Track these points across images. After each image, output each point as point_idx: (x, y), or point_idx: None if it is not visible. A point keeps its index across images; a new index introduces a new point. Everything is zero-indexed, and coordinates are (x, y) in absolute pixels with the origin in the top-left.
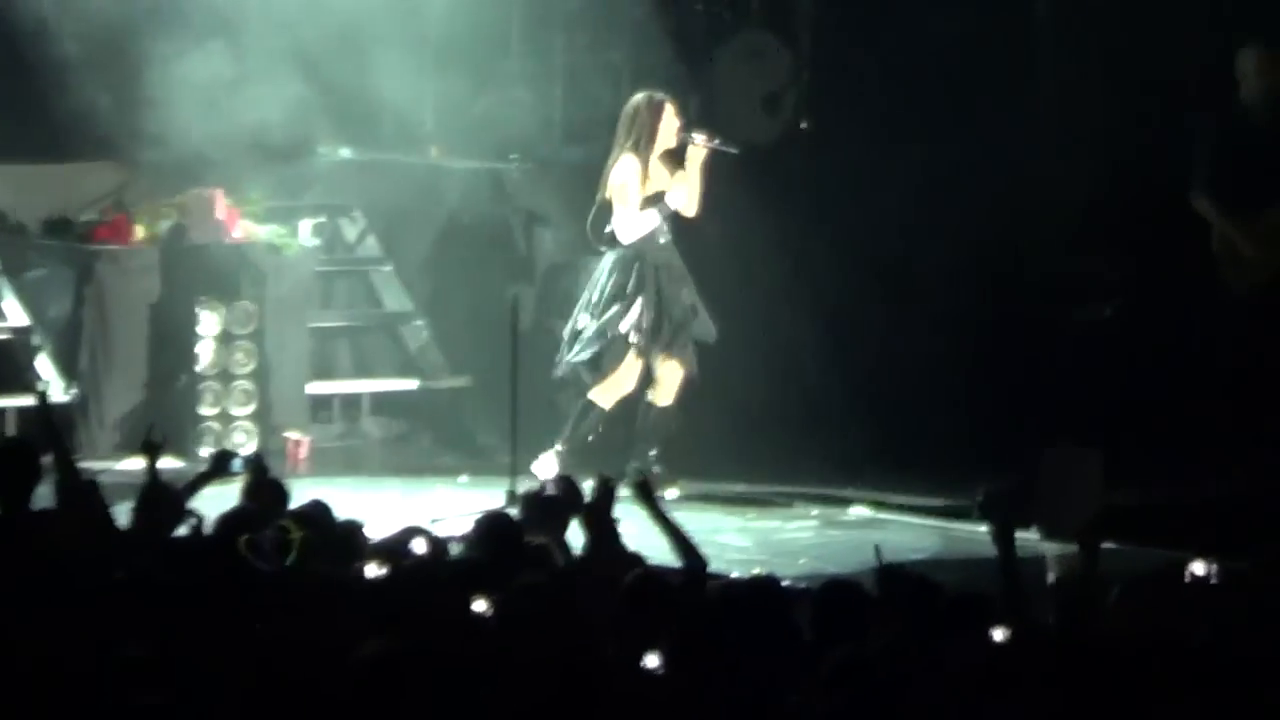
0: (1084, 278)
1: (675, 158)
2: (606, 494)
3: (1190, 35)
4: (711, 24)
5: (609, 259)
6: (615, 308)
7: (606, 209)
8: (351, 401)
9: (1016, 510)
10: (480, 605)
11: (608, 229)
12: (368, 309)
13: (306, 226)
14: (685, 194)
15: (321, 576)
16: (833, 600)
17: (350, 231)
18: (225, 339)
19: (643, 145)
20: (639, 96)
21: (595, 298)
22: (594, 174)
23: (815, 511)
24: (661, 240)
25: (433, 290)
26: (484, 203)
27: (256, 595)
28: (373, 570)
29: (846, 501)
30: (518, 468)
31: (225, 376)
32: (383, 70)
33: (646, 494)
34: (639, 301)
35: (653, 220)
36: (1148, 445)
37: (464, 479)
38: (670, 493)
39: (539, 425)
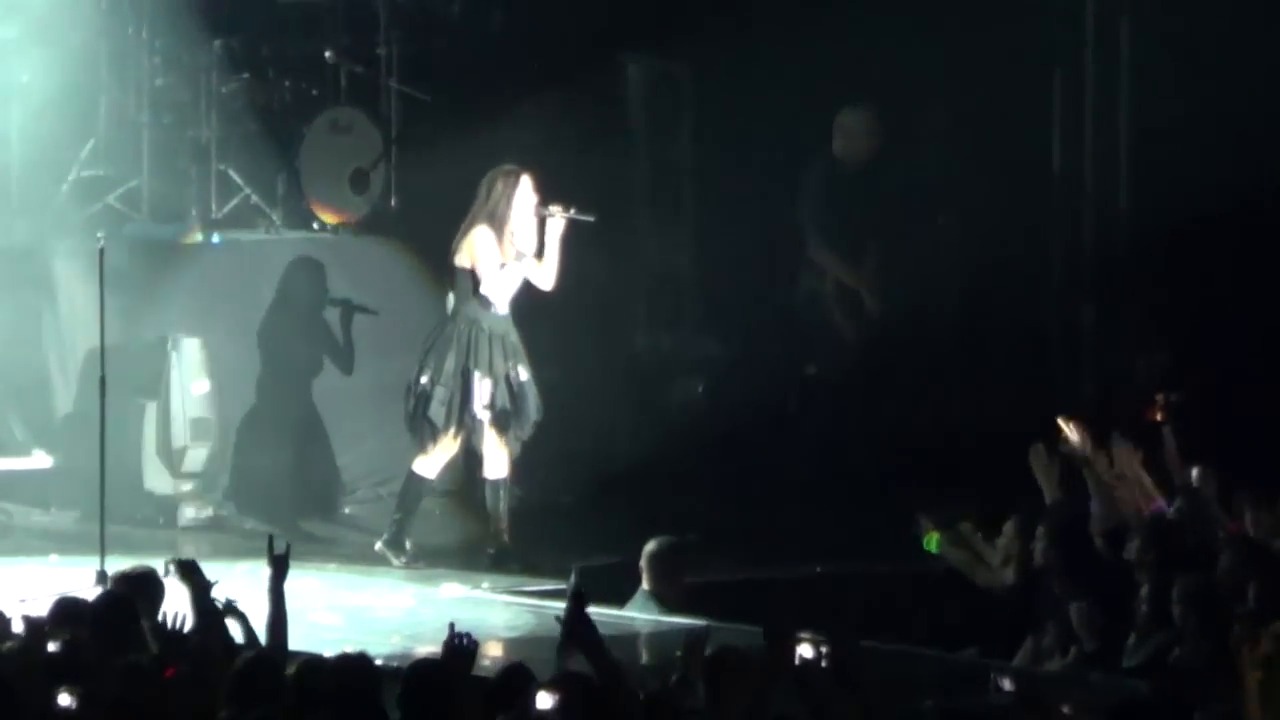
0: (677, 355)
1: (534, 230)
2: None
3: (782, 116)
4: (299, 100)
5: (448, 326)
6: (456, 380)
7: (462, 275)
8: None
9: (614, 587)
10: (65, 699)
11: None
12: None
13: None
14: (545, 267)
15: None
16: (421, 680)
17: None
18: None
19: (498, 216)
20: (497, 168)
21: (436, 364)
22: (182, 251)
23: (410, 590)
24: (501, 312)
25: (21, 367)
26: (75, 281)
27: None
28: None
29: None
30: (106, 547)
31: None
32: None
33: (278, 567)
34: (476, 376)
35: (516, 281)
36: (744, 522)
37: (53, 558)
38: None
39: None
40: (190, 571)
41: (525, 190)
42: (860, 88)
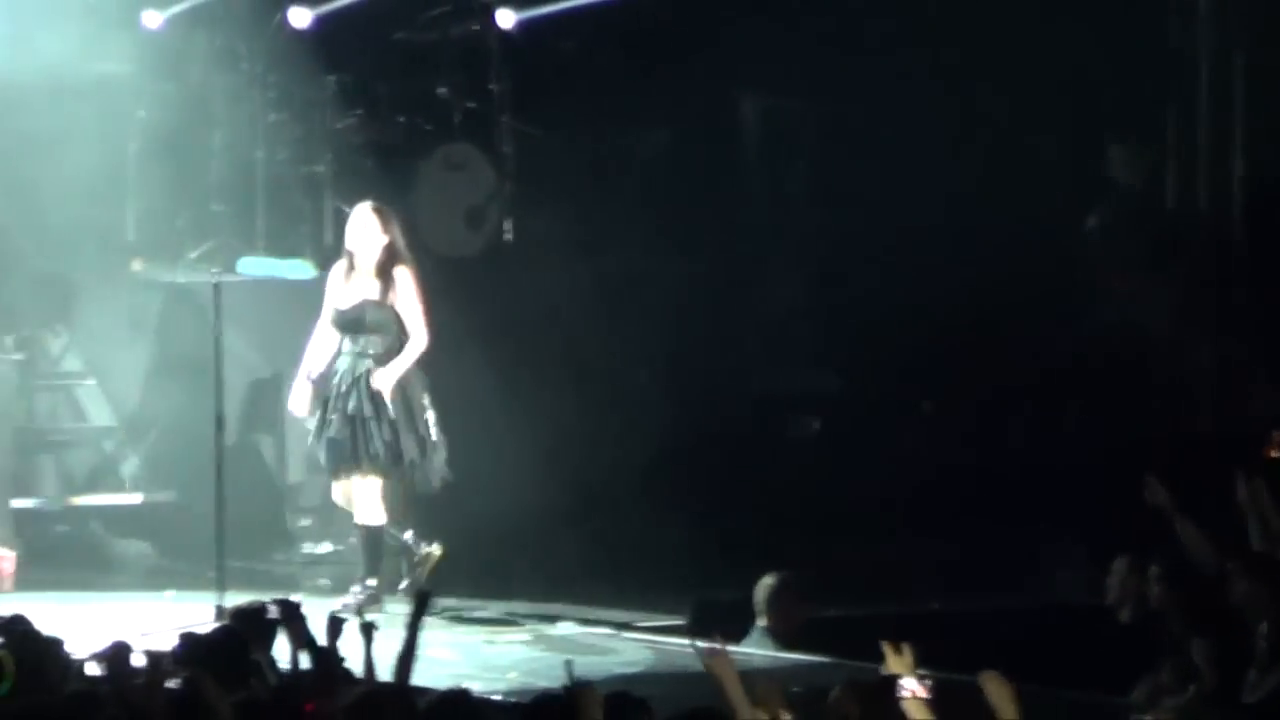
0: (793, 392)
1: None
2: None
3: (898, 149)
4: (413, 136)
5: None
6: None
7: None
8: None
9: (731, 624)
10: None
11: None
12: (72, 424)
13: (8, 341)
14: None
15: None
16: (543, 715)
17: (54, 346)
18: None
19: (345, 249)
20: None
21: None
22: (295, 287)
23: (526, 626)
24: (370, 351)
25: (138, 404)
26: (187, 316)
27: None
28: (92, 669)
29: (556, 617)
30: (224, 582)
31: None
32: (82, 184)
33: (420, 603)
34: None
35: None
36: (861, 557)
37: (170, 594)
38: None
39: (245, 540)
40: (290, 613)
41: (353, 222)
42: (976, 121)
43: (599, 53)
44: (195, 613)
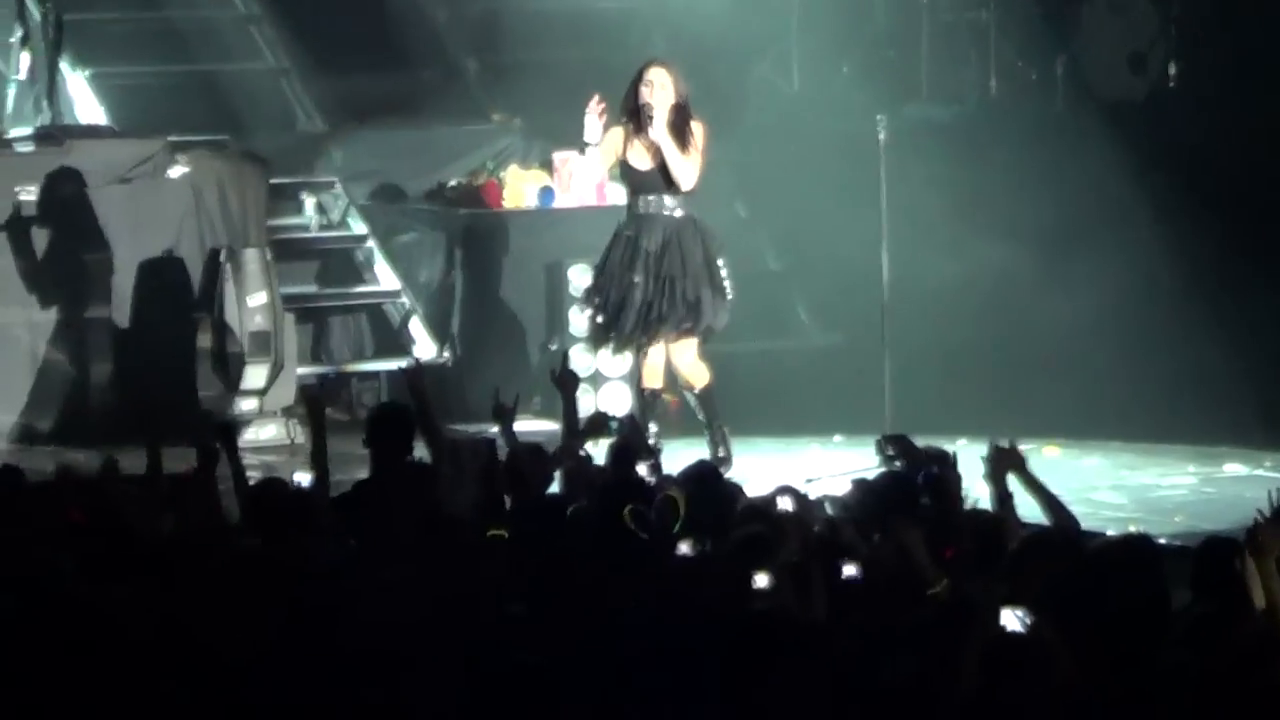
0: None
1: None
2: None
3: None
4: None
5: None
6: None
7: None
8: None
9: None
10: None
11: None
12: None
13: None
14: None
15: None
16: (1213, 558)
17: None
18: None
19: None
20: None
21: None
22: (960, 133)
23: (1191, 468)
24: (676, 212)
25: (801, 247)
26: (849, 164)
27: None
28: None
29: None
30: (889, 425)
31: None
32: (746, 34)
33: (1017, 462)
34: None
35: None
36: None
37: (838, 438)
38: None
39: (913, 381)
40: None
41: (651, 78)
42: None
43: None
44: (862, 459)
